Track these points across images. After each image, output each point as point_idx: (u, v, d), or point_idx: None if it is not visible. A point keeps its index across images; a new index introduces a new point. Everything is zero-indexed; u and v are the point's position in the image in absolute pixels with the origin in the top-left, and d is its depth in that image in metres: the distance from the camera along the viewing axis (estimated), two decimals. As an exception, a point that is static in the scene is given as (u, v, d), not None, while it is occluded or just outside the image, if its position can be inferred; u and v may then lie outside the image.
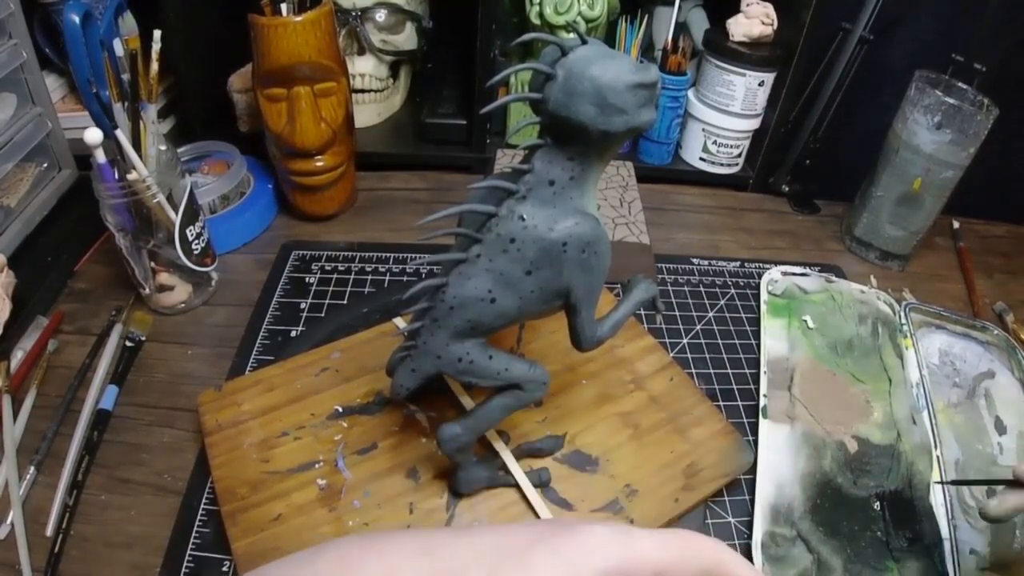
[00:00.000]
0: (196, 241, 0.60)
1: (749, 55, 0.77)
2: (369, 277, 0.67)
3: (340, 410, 0.52)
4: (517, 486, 0.47)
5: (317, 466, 0.48)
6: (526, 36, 0.38)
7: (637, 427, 0.52)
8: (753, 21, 0.76)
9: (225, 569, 0.44)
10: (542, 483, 0.48)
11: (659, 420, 0.53)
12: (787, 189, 0.85)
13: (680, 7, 0.78)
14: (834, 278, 0.69)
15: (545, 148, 0.37)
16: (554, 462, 0.50)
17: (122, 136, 0.52)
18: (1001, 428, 0.58)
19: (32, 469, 0.48)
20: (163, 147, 0.57)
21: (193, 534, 0.46)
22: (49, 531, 0.45)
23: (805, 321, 0.64)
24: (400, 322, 0.58)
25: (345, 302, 0.64)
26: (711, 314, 0.67)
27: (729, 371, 0.61)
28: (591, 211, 0.39)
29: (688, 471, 0.50)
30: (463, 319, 0.38)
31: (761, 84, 0.79)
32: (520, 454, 0.49)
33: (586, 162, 0.37)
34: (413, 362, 0.41)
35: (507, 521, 0.46)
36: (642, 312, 0.65)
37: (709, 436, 0.52)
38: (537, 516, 0.46)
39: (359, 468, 0.48)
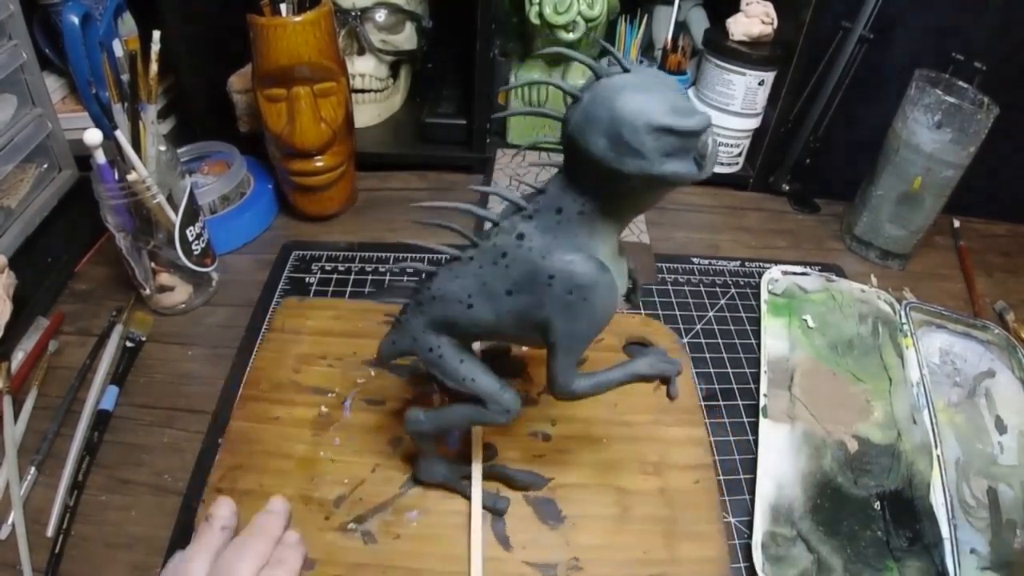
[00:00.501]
0: (196, 241, 0.60)
1: (749, 54, 0.77)
2: (369, 277, 0.67)
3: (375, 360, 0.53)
4: (470, 500, 0.46)
5: (329, 395, 0.53)
6: (573, 55, 0.34)
7: (627, 510, 0.47)
8: (753, 20, 0.76)
9: (225, 569, 0.44)
10: (496, 510, 0.46)
11: (655, 516, 0.47)
12: (787, 188, 0.85)
13: (680, 6, 0.77)
14: (834, 277, 0.69)
15: (562, 174, 0.35)
16: (523, 498, 0.47)
17: (122, 137, 0.53)
18: (1001, 427, 0.58)
19: (33, 469, 0.49)
20: (163, 147, 0.57)
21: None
22: (50, 531, 0.45)
23: (805, 320, 0.64)
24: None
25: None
26: (711, 313, 0.67)
27: (729, 371, 0.61)
28: (600, 256, 0.36)
29: None
30: (441, 313, 0.39)
31: (761, 83, 0.79)
32: (494, 474, 0.47)
33: (597, 201, 0.34)
34: (395, 334, 0.43)
35: (437, 527, 0.45)
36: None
37: (697, 559, 0.45)
38: (468, 538, 0.44)
39: (359, 415, 0.52)
